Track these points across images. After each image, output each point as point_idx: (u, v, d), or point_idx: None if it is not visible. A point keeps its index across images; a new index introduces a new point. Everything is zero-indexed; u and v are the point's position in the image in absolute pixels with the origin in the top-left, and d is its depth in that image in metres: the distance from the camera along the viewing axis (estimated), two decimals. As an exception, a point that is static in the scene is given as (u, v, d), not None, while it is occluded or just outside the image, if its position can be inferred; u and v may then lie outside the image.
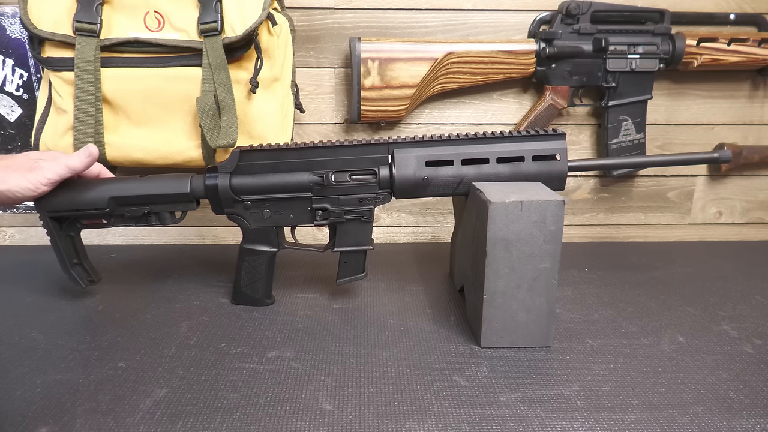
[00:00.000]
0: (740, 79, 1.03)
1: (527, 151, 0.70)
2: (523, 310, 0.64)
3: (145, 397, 0.56)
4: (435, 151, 0.70)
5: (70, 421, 0.52)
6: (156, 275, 0.89)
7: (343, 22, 0.97)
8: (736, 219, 1.11)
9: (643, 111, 0.99)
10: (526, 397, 0.56)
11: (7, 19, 0.92)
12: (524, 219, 0.61)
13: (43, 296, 0.80)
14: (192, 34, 0.78)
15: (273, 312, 0.76)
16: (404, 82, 0.93)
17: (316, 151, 0.71)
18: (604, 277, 0.88)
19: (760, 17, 0.99)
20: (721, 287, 0.84)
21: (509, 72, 0.96)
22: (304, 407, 0.54)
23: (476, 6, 0.97)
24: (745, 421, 0.52)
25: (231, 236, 1.07)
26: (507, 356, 0.64)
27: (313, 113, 1.01)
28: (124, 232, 1.06)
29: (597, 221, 1.09)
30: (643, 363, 0.62)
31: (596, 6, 0.94)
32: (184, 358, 0.63)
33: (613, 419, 0.52)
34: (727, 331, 0.70)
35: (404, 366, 0.62)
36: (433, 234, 1.09)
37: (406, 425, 0.52)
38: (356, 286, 0.84)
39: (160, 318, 0.73)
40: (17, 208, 1.03)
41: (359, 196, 0.72)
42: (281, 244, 0.76)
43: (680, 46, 0.94)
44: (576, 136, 1.05)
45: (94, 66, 0.76)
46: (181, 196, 0.73)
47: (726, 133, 1.06)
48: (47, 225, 0.73)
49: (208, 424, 0.52)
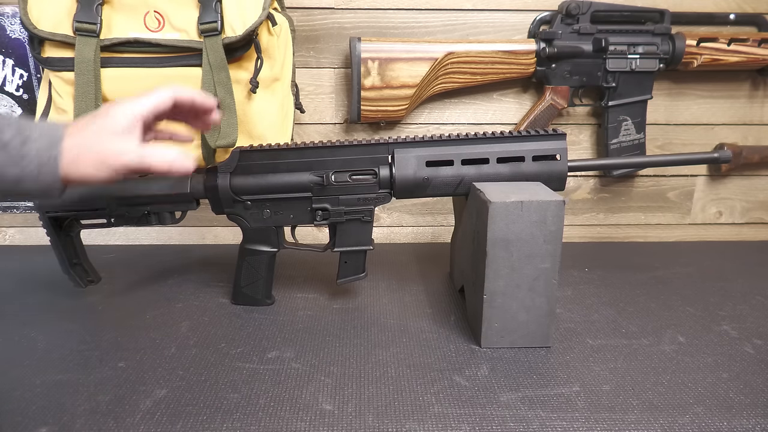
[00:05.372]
0: (740, 79, 1.03)
1: (527, 151, 0.70)
2: (523, 310, 0.64)
3: (145, 397, 0.56)
4: (435, 151, 0.70)
5: (70, 421, 0.52)
6: (156, 275, 0.89)
7: (343, 22, 0.97)
8: (736, 219, 1.11)
9: (643, 111, 0.99)
10: (527, 397, 0.56)
11: (7, 19, 0.92)
12: (524, 219, 0.61)
13: (43, 296, 0.80)
14: (192, 34, 0.78)
15: (273, 312, 0.76)
16: (404, 82, 0.93)
17: (316, 151, 0.71)
18: (604, 277, 0.88)
19: (760, 17, 0.99)
20: (721, 287, 0.84)
21: (509, 72, 0.96)
22: (304, 407, 0.54)
23: (476, 6, 0.97)
24: (745, 421, 0.52)
25: (231, 236, 1.07)
26: (507, 356, 0.64)
27: (313, 113, 1.01)
28: (124, 232, 1.06)
29: (597, 221, 1.09)
30: (643, 363, 0.62)
31: (596, 6, 0.93)
32: (184, 358, 0.63)
33: (613, 419, 0.52)
34: (727, 331, 0.70)
35: (404, 366, 0.62)
36: (433, 234, 1.09)
37: (406, 425, 0.52)
38: (356, 286, 0.84)
39: (160, 318, 0.73)
40: (17, 208, 1.03)
41: (359, 196, 0.72)
42: (281, 244, 0.76)
43: (680, 46, 0.94)
44: (576, 136, 1.05)
45: (94, 66, 0.76)
46: (181, 196, 0.73)
47: (726, 133, 1.06)
48: (47, 225, 0.73)
49: (208, 424, 0.52)
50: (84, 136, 0.54)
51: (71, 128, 0.54)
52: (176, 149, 0.57)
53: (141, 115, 0.56)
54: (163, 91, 0.58)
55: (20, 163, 0.51)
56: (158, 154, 0.55)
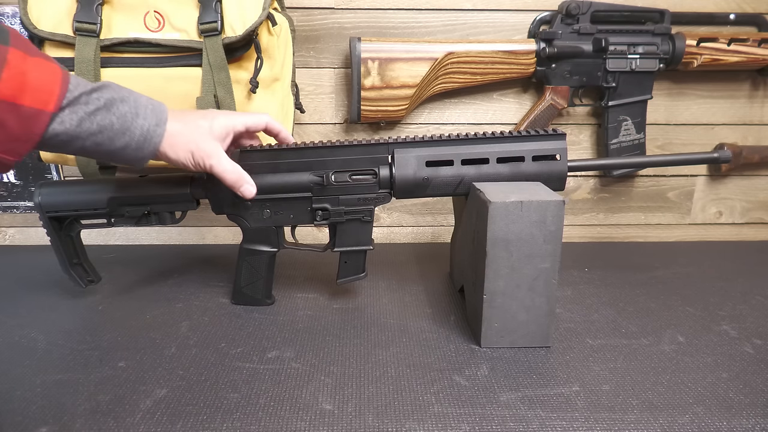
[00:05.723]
0: (740, 79, 1.03)
1: (527, 151, 0.70)
2: (523, 310, 0.64)
3: (145, 397, 0.56)
4: (435, 151, 0.70)
5: (70, 421, 0.52)
6: (156, 275, 0.89)
7: (343, 22, 0.97)
8: (736, 219, 1.11)
9: (643, 111, 0.99)
10: (526, 397, 0.56)
11: (7, 19, 0.92)
12: (524, 219, 0.61)
13: (43, 296, 0.80)
14: (192, 34, 0.78)
15: (273, 312, 0.76)
16: (404, 82, 0.93)
17: (316, 151, 0.71)
18: (604, 277, 0.88)
19: (760, 17, 0.99)
20: (721, 287, 0.84)
21: (509, 72, 0.96)
22: (304, 407, 0.54)
23: (476, 6, 0.97)
24: (745, 421, 0.52)
25: (231, 236, 1.07)
26: (507, 356, 0.64)
27: (313, 113, 1.01)
28: (124, 232, 1.06)
29: (597, 221, 1.09)
30: (643, 363, 0.62)
31: (596, 6, 0.94)
32: (184, 358, 0.63)
33: (613, 419, 0.52)
34: (727, 331, 0.70)
35: (404, 366, 0.62)
36: (433, 234, 1.09)
37: (406, 425, 0.52)
38: (356, 286, 0.84)
39: (160, 318, 0.73)
40: (17, 208, 1.03)
41: (359, 196, 0.72)
42: (281, 244, 0.76)
43: (680, 46, 0.94)
44: (576, 136, 1.05)
45: (94, 66, 0.76)
46: (181, 196, 0.73)
47: (726, 133, 1.06)
48: (47, 225, 0.73)
49: (208, 424, 0.52)
50: (185, 125, 0.62)
51: (174, 114, 0.62)
52: (249, 179, 0.67)
53: (234, 129, 0.67)
54: (260, 117, 0.70)
55: (128, 134, 0.57)
56: (236, 174, 0.66)
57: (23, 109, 0.50)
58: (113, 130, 0.56)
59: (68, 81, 0.53)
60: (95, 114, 0.55)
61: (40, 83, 0.51)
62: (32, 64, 0.51)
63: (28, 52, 0.51)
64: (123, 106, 0.57)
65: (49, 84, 0.52)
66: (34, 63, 0.51)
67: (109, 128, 0.56)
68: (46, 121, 0.52)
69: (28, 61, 0.51)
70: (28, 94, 0.50)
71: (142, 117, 0.58)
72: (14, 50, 0.50)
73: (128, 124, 0.57)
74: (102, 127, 0.55)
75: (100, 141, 0.56)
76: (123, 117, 0.57)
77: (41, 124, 0.51)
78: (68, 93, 0.53)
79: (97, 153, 0.58)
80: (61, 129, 0.53)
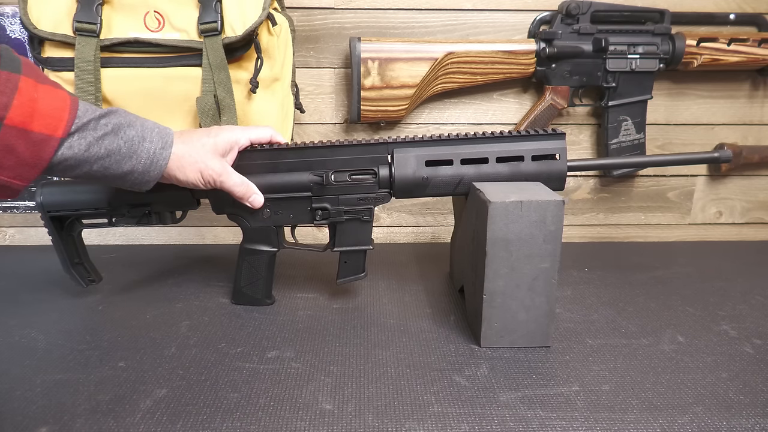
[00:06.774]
0: (740, 79, 1.03)
1: (527, 151, 0.70)
2: (522, 309, 0.64)
3: (145, 397, 0.56)
4: (434, 151, 0.70)
5: (70, 421, 0.52)
6: (156, 275, 0.89)
7: (343, 22, 0.97)
8: (736, 219, 1.11)
9: (643, 111, 0.99)
10: (526, 397, 0.56)
11: (7, 19, 0.92)
12: (524, 219, 0.61)
13: (43, 296, 0.80)
14: (192, 34, 0.78)
15: (273, 312, 0.76)
16: (404, 82, 0.93)
17: (316, 151, 0.71)
18: (604, 277, 0.88)
19: (760, 17, 0.99)
20: (721, 287, 0.84)
21: (509, 72, 0.96)
22: (304, 407, 0.54)
23: (476, 6, 0.97)
24: (744, 421, 0.52)
25: (231, 236, 1.07)
26: (507, 356, 0.64)
27: (313, 113, 1.01)
28: (124, 232, 1.06)
29: (597, 221, 1.09)
30: (642, 363, 0.62)
31: (596, 6, 0.94)
32: (184, 358, 0.63)
33: (612, 419, 0.52)
34: (727, 331, 0.70)
35: (404, 366, 0.62)
36: (433, 234, 1.09)
37: (406, 425, 0.52)
38: (356, 286, 0.84)
39: (160, 318, 0.73)
40: (17, 208, 1.03)
41: (359, 195, 0.72)
42: (281, 243, 0.76)
43: (680, 46, 0.94)
44: (576, 136, 1.05)
45: (94, 66, 0.76)
46: (181, 195, 0.73)
47: (726, 133, 1.06)
48: (49, 225, 0.73)
49: (208, 424, 0.52)
50: (191, 146, 0.64)
51: (179, 135, 0.64)
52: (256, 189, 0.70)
53: (239, 145, 0.69)
54: (264, 130, 0.71)
55: (135, 157, 0.59)
56: (244, 186, 0.68)
57: (33, 134, 0.52)
58: (120, 154, 0.58)
59: (77, 107, 0.55)
60: (103, 139, 0.56)
61: (49, 110, 0.53)
62: (42, 92, 0.53)
63: (38, 80, 0.53)
64: (130, 130, 0.58)
65: (59, 110, 0.53)
66: (44, 90, 0.53)
67: (117, 152, 0.58)
68: (54, 146, 0.53)
69: (38, 88, 0.52)
70: (38, 121, 0.52)
71: (148, 140, 0.60)
72: (26, 78, 0.52)
73: (135, 148, 0.59)
74: (110, 151, 0.57)
75: (108, 165, 0.58)
76: (130, 141, 0.58)
77: (50, 149, 0.53)
78: (77, 119, 0.55)
79: (103, 177, 0.59)
80: (70, 154, 0.54)
